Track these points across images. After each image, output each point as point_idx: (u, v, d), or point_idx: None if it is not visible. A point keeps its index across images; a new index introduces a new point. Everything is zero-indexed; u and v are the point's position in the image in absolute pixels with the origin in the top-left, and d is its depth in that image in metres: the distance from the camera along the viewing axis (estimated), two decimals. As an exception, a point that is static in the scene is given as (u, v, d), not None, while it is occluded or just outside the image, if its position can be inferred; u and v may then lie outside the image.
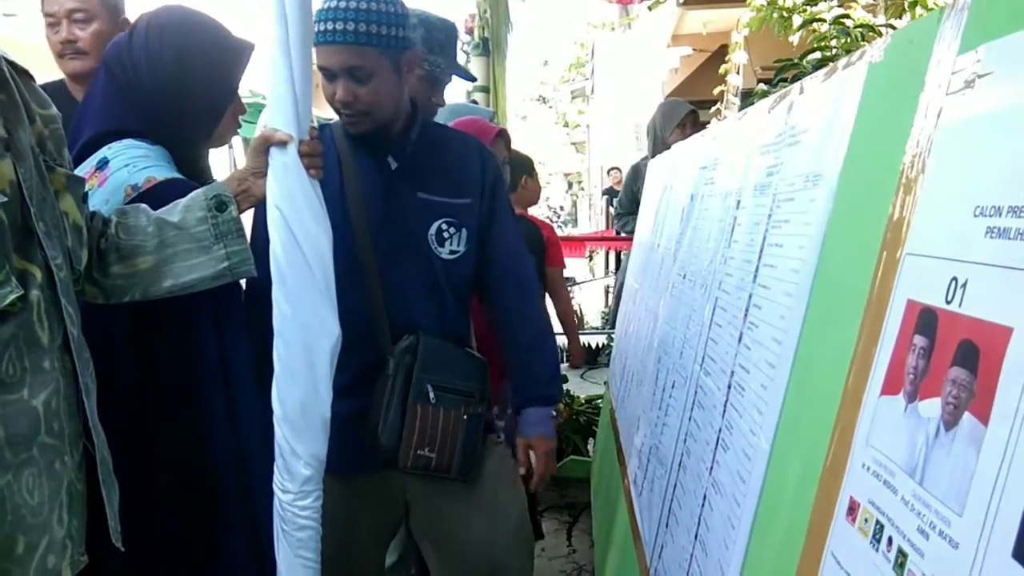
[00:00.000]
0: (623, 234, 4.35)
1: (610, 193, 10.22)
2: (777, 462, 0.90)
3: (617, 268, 6.68)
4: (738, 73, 7.99)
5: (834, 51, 3.85)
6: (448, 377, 1.59)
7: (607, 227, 8.20)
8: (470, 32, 4.00)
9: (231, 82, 1.46)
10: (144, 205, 1.30)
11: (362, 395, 1.57)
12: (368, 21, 1.42)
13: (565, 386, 3.68)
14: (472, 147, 1.73)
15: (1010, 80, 0.57)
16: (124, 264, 1.25)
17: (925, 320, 0.62)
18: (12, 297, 0.94)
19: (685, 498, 1.34)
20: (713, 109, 7.55)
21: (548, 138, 25.70)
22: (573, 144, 21.57)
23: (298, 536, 1.33)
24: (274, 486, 1.33)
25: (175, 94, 1.38)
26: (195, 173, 1.47)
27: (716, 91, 7.58)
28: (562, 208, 20.18)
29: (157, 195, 1.32)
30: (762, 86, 4.63)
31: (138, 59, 1.37)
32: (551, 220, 16.39)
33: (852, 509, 0.67)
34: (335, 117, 1.59)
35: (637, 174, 4.22)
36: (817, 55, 3.84)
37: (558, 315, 3.15)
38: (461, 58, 4.18)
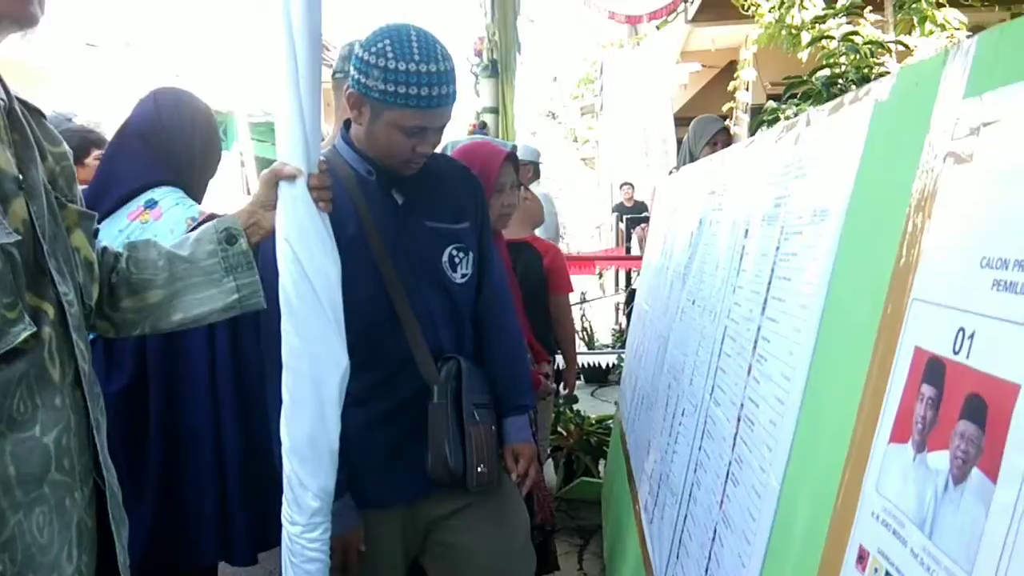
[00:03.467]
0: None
1: (620, 209, 10.21)
2: (787, 502, 0.89)
3: (628, 285, 6.68)
4: (747, 90, 8.01)
5: (843, 68, 3.85)
6: (480, 394, 1.67)
7: (617, 244, 8.19)
8: (479, 54, 4.03)
9: (220, 144, 2.06)
10: (155, 240, 1.31)
11: (404, 425, 1.61)
12: (454, 81, 1.50)
13: (576, 406, 3.68)
14: (460, 170, 1.80)
15: (1016, 131, 0.57)
16: (134, 298, 1.25)
17: (933, 369, 0.61)
18: (25, 335, 0.95)
19: (696, 530, 1.33)
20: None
21: (557, 154, 25.76)
22: (583, 160, 21.61)
23: (306, 568, 1.33)
24: (283, 519, 1.33)
25: (200, 154, 1.94)
26: (200, 201, 1.93)
27: (725, 108, 7.59)
28: (565, 225, 20.20)
29: None
30: (771, 103, 4.64)
31: (171, 129, 1.89)
32: (561, 237, 16.35)
33: (862, 558, 0.66)
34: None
35: None
36: (826, 72, 3.84)
37: (560, 341, 3.14)
38: (470, 80, 4.23)
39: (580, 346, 6.20)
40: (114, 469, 1.12)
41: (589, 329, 6.06)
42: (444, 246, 1.66)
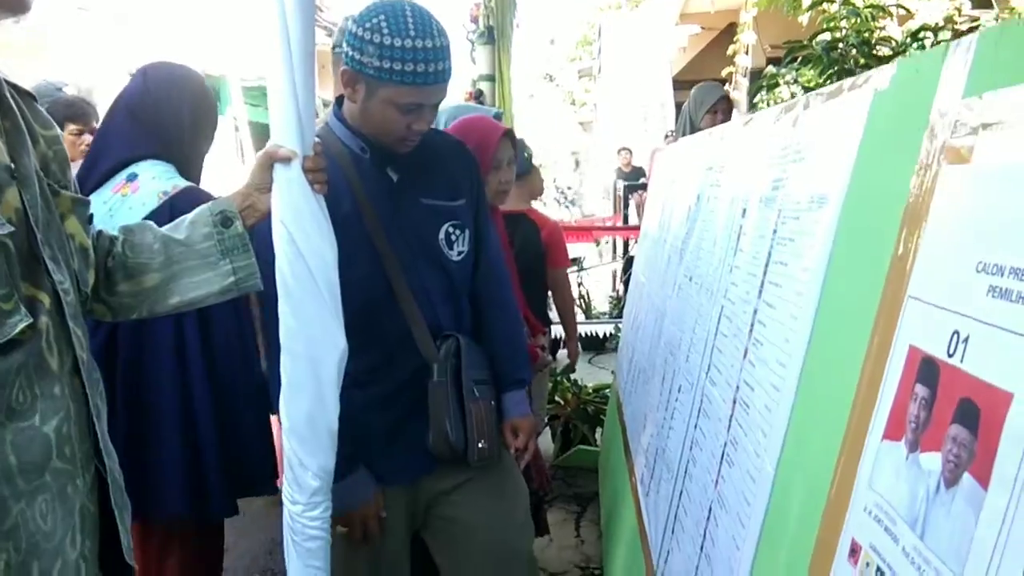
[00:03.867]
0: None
1: (618, 175, 10.15)
2: (781, 489, 0.91)
3: (625, 252, 6.67)
4: (747, 53, 7.91)
5: (844, 32, 3.80)
6: (480, 370, 1.69)
7: (615, 211, 8.16)
8: (475, 20, 3.97)
9: (215, 115, 2.05)
10: (151, 223, 1.31)
11: (403, 405, 1.62)
12: (449, 57, 1.47)
13: (573, 375, 3.70)
14: (455, 146, 1.78)
15: (1016, 134, 0.56)
16: (131, 282, 1.25)
17: (926, 370, 0.62)
18: (22, 326, 0.95)
19: (691, 506, 1.35)
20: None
21: (555, 117, 25.55)
22: (580, 124, 21.43)
23: (308, 546, 1.35)
24: (283, 498, 1.35)
25: (189, 127, 1.93)
26: (196, 180, 1.96)
27: (725, 72, 7.51)
28: (569, 188, 20.09)
29: (183, 198, 1.77)
30: (771, 68, 4.58)
31: (159, 102, 1.89)
32: (559, 202, 16.30)
33: (854, 551, 0.68)
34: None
35: None
36: (827, 36, 3.79)
37: (559, 313, 3.16)
38: (466, 46, 4.17)
39: (578, 315, 6.23)
40: (115, 454, 1.13)
41: (587, 297, 6.06)
42: (440, 223, 1.66)
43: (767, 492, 0.93)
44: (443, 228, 1.66)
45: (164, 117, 1.89)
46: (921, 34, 3.30)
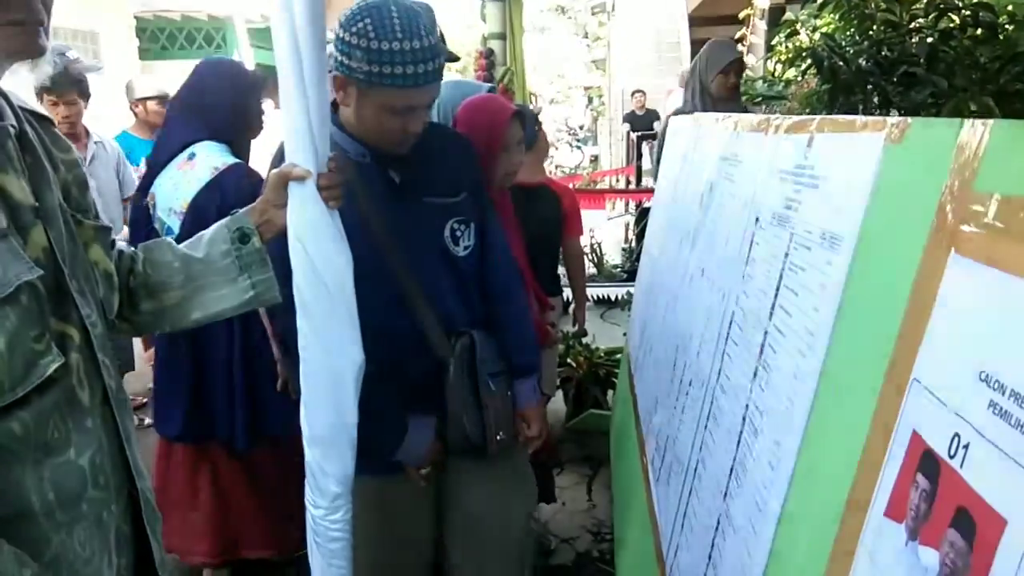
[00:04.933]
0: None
1: (631, 118, 10.01)
2: (785, 531, 0.94)
3: (639, 204, 6.63)
4: (765, -7, 7.69)
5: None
6: (494, 363, 1.74)
7: (628, 157, 8.07)
8: (485, -23, 3.88)
9: (260, 104, 2.42)
10: (169, 240, 1.34)
11: (419, 400, 1.68)
12: (439, 55, 1.47)
13: (585, 340, 3.75)
14: (453, 139, 1.81)
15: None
16: (153, 300, 1.28)
17: (928, 463, 0.64)
18: (55, 366, 0.98)
19: (701, 510, 1.40)
20: (739, 34, 7.32)
21: (567, 51, 25.02)
22: (593, 62, 20.99)
23: (330, 547, 1.41)
24: (307, 503, 1.41)
25: (238, 113, 2.34)
26: (245, 159, 2.37)
27: (742, 15, 7.32)
28: (581, 127, 19.81)
29: (230, 173, 2.22)
30: (790, 14, 4.45)
31: (208, 92, 2.30)
32: (570, 145, 16.10)
33: (853, 620, 0.71)
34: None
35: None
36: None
37: (571, 280, 3.19)
38: (476, 3, 4.08)
39: (589, 267, 6.24)
40: (145, 473, 1.18)
41: (599, 251, 6.06)
42: (445, 220, 1.69)
43: (772, 530, 0.97)
44: (448, 225, 1.69)
45: (211, 106, 2.29)
46: None
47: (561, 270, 3.19)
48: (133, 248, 1.31)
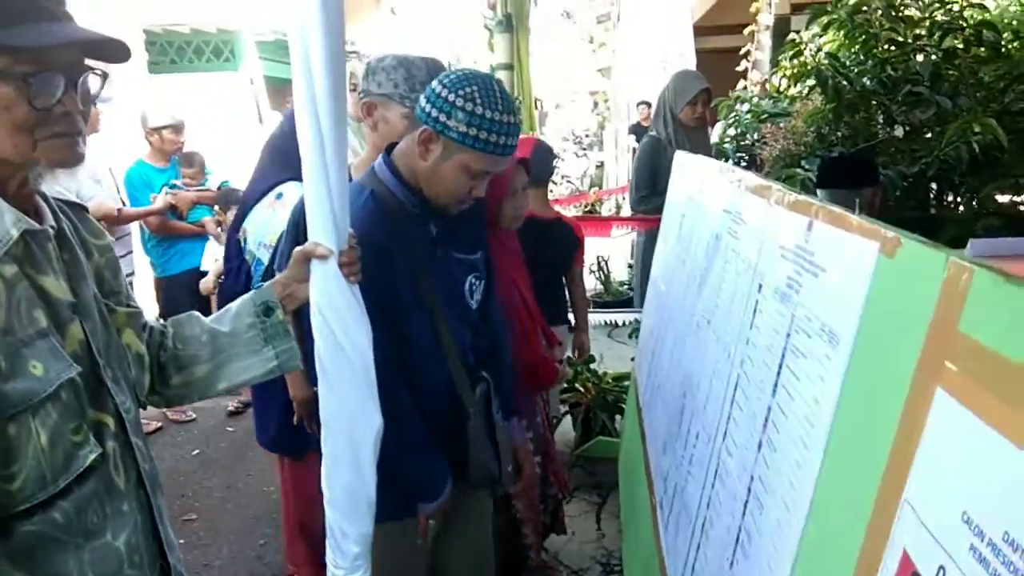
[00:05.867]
0: (640, 212, 4.30)
1: (637, 130, 10.04)
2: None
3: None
4: (770, 8, 7.72)
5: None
6: (504, 400, 1.89)
7: (631, 172, 8.10)
8: (493, 8, 3.93)
9: None
10: (197, 313, 1.40)
11: (439, 440, 1.76)
12: (519, 133, 1.62)
13: (592, 352, 3.81)
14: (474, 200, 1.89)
15: (1015, 404, 0.61)
16: (182, 374, 1.35)
17: (917, 589, 0.69)
18: (93, 456, 1.05)
19: (707, 570, 1.44)
20: (744, 49, 7.36)
21: (573, 56, 25.04)
22: (599, 71, 21.02)
23: (352, 606, 1.47)
24: (327, 563, 1.46)
25: None
26: None
27: (747, 32, 7.36)
28: (587, 133, 19.82)
29: None
30: (793, 36, 4.52)
31: (290, 138, 2.28)
32: (576, 155, 16.13)
33: None
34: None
35: (655, 152, 4.06)
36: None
37: (574, 307, 3.28)
38: (484, 35, 4.14)
39: (595, 286, 6.29)
40: (176, 545, 1.24)
41: (606, 268, 6.11)
42: (466, 275, 1.82)
43: (776, 610, 1.02)
44: (468, 279, 1.82)
45: (296, 150, 2.36)
46: None
47: None
48: (163, 324, 1.37)
